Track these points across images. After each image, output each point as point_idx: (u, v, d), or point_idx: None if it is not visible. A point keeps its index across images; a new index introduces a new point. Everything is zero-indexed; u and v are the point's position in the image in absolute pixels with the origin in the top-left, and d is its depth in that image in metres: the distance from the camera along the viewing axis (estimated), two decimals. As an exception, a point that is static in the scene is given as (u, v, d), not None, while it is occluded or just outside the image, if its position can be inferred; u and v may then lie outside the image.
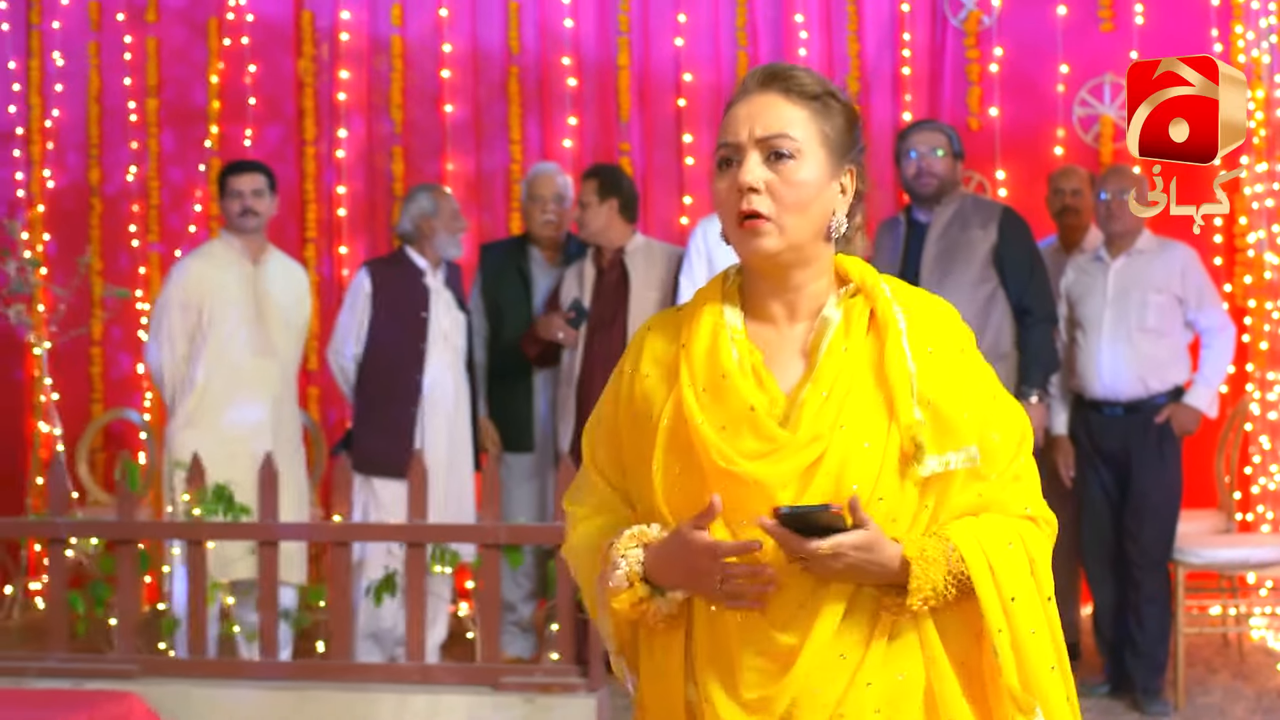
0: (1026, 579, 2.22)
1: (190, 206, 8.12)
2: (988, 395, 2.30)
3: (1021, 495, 2.30)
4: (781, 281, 2.30)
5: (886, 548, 2.18)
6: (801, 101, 2.27)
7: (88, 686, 5.17)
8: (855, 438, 2.19)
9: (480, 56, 8.00)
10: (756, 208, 2.22)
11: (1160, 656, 5.92)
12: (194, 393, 6.06)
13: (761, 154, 2.24)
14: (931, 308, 2.33)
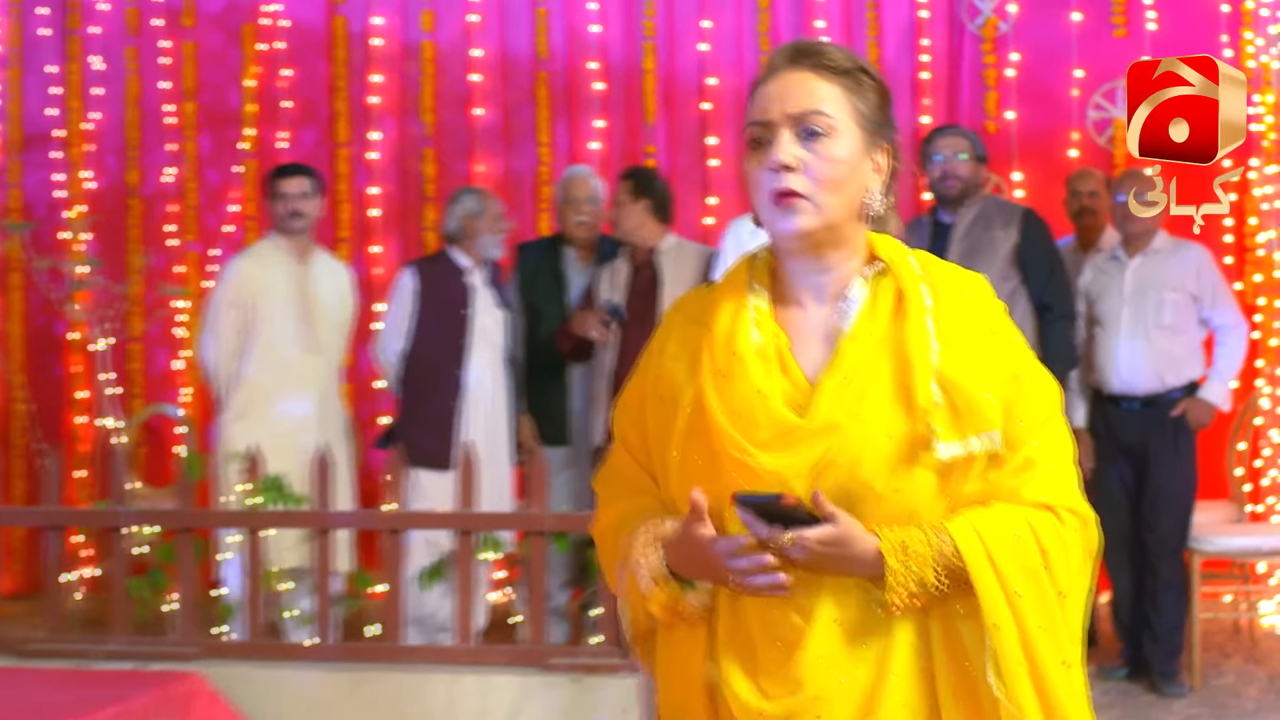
0: (1037, 572, 2.12)
1: (226, 207, 8.37)
2: (1016, 375, 2.21)
3: (1038, 483, 2.18)
4: (813, 262, 2.25)
5: (860, 542, 2.12)
6: (833, 77, 2.22)
7: (150, 668, 5.42)
8: (872, 427, 2.14)
9: (509, 61, 8.25)
10: (792, 185, 2.17)
11: (1177, 641, 6.18)
12: (244, 387, 6.32)
13: (794, 131, 2.19)
14: (962, 284, 2.26)
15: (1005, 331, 2.25)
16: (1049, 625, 2.11)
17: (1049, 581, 2.12)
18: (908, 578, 2.11)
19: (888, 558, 2.10)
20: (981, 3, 7.87)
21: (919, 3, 7.91)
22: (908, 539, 2.12)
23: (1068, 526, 2.17)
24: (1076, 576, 2.18)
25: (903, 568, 2.11)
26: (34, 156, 8.52)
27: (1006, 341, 2.24)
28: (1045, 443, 2.20)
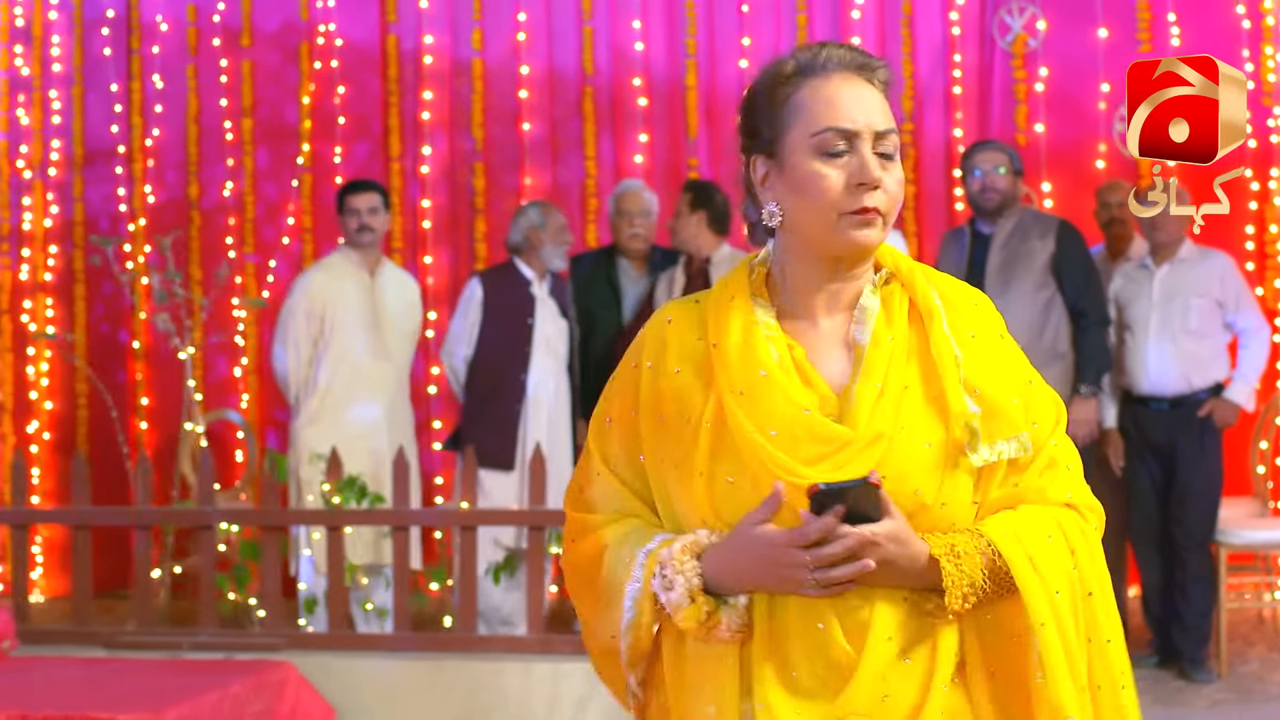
0: (1070, 572, 2.15)
1: (284, 219, 8.77)
2: (1024, 380, 2.24)
3: (1060, 482, 2.23)
4: (841, 273, 2.23)
5: (915, 542, 2.12)
6: (885, 95, 2.23)
7: (237, 659, 5.83)
8: (914, 436, 2.14)
9: (556, 78, 8.65)
10: (878, 204, 2.17)
11: (1205, 630, 6.57)
12: (317, 393, 6.74)
13: (876, 148, 2.18)
14: (966, 293, 2.28)
15: (1011, 339, 2.29)
16: (1079, 625, 2.13)
17: (1079, 580, 2.15)
18: (962, 580, 2.11)
19: (943, 561, 2.11)
20: (1012, 20, 8.25)
21: (952, 20, 8.30)
22: (955, 542, 2.13)
23: (1087, 523, 2.22)
24: (1100, 575, 2.20)
25: (957, 570, 2.11)
26: (97, 172, 8.93)
27: (1014, 348, 2.28)
28: (1061, 444, 2.25)
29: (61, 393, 8.94)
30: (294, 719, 5.56)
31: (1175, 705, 6.11)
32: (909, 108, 8.31)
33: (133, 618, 6.21)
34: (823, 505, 2.06)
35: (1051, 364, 6.27)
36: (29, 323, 8.84)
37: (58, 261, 8.93)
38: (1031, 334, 6.25)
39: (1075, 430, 6.16)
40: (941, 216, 8.28)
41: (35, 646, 5.92)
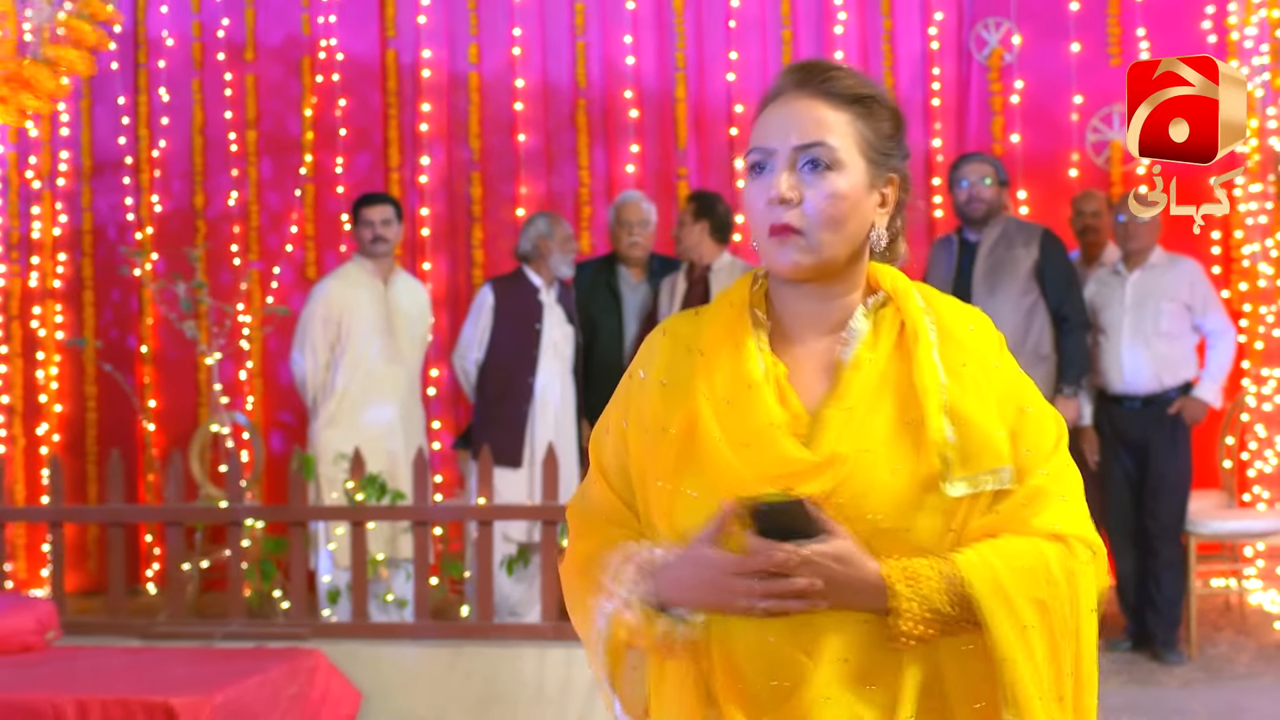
0: (1047, 605, 2.09)
1: (287, 228, 9.15)
2: (1021, 407, 2.19)
3: (1050, 512, 2.15)
4: (810, 291, 2.21)
5: (864, 563, 2.06)
6: (842, 105, 2.16)
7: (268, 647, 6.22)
8: (880, 462, 2.10)
9: (550, 90, 9.06)
10: (787, 220, 2.12)
11: (1176, 615, 7.03)
12: (334, 396, 7.14)
13: (796, 162, 2.14)
14: (965, 318, 2.23)
15: (1009, 364, 2.23)
16: (1056, 660, 2.08)
17: (1058, 615, 2.09)
18: (916, 604, 2.06)
19: (895, 584, 2.06)
20: (988, 35, 8.71)
21: (931, 35, 8.75)
22: (913, 565, 2.08)
23: (1078, 558, 2.13)
24: (1084, 611, 2.13)
25: (911, 593, 2.06)
26: (105, 182, 9.30)
27: (1011, 374, 2.22)
28: (1054, 472, 2.18)
29: (71, 396, 9.29)
30: (325, 702, 5.95)
31: (1149, 685, 6.56)
32: (890, 119, 8.74)
33: (165, 610, 6.59)
34: (760, 523, 2.03)
35: (1036, 366, 6.72)
36: (39, 328, 9.19)
37: (66, 269, 9.29)
38: (1016, 337, 6.70)
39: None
40: (920, 222, 8.71)
41: (73, 637, 6.29)
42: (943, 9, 8.74)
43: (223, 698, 5.32)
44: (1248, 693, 6.38)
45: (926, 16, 8.77)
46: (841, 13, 8.79)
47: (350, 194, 8.96)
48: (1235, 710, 6.12)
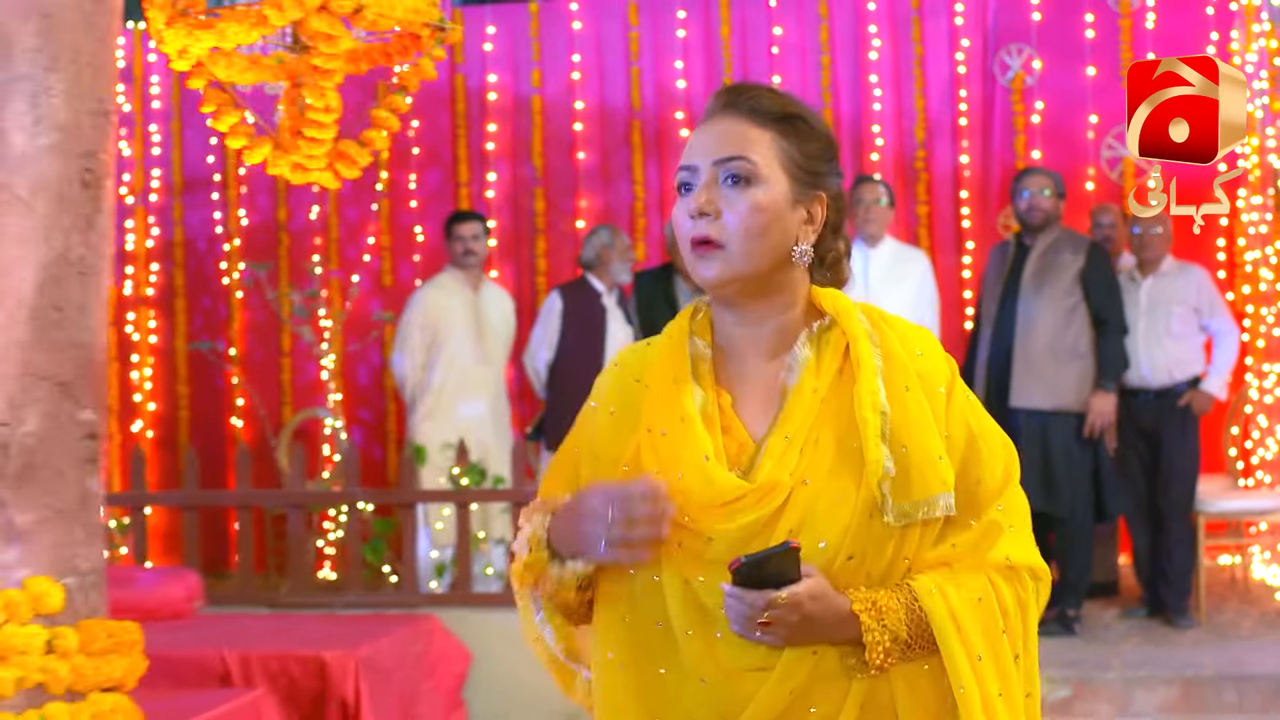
0: (998, 637, 2.16)
1: (364, 239, 10.08)
2: (971, 435, 2.23)
3: (1003, 545, 2.22)
4: (744, 314, 2.25)
5: (835, 598, 2.12)
6: (765, 123, 2.21)
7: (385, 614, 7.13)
8: (820, 490, 2.14)
9: (607, 112, 10.00)
10: (706, 233, 2.17)
11: (1186, 585, 7.96)
12: (431, 393, 8.08)
13: (719, 177, 2.18)
14: (911, 341, 2.25)
15: (959, 390, 2.25)
16: (1006, 690, 2.16)
17: (1007, 645, 2.17)
18: (884, 635, 2.12)
19: (862, 616, 2.11)
20: (1011, 60, 9.64)
21: (958, 60, 9.68)
22: (877, 597, 2.13)
23: (1027, 590, 2.22)
24: (1031, 637, 2.23)
25: (878, 625, 2.11)
26: (194, 198, 10.23)
27: (961, 400, 2.25)
28: (1008, 505, 2.25)
29: (164, 396, 10.22)
30: (440, 660, 6.87)
31: (1164, 645, 7.49)
32: (921, 137, 9.69)
33: (289, 583, 7.52)
34: (746, 577, 2.08)
35: (1071, 362, 7.62)
36: (133, 333, 10.10)
37: (159, 278, 10.22)
38: (1056, 333, 7.57)
39: (1095, 420, 7.58)
40: (950, 234, 9.65)
41: (211, 608, 7.21)
42: (969, 36, 9.66)
43: (364, 652, 6.24)
44: (1251, 651, 7.31)
45: (954, 43, 9.69)
46: (875, 40, 9.72)
47: (422, 208, 9.92)
48: (1239, 664, 7.05)
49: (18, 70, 3.04)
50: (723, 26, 9.85)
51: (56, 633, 2.99)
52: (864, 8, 9.73)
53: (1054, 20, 9.55)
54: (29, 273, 3.03)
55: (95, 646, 3.04)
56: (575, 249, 9.63)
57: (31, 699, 2.98)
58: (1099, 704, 6.77)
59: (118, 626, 3.10)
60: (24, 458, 3.02)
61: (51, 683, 2.98)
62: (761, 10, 9.80)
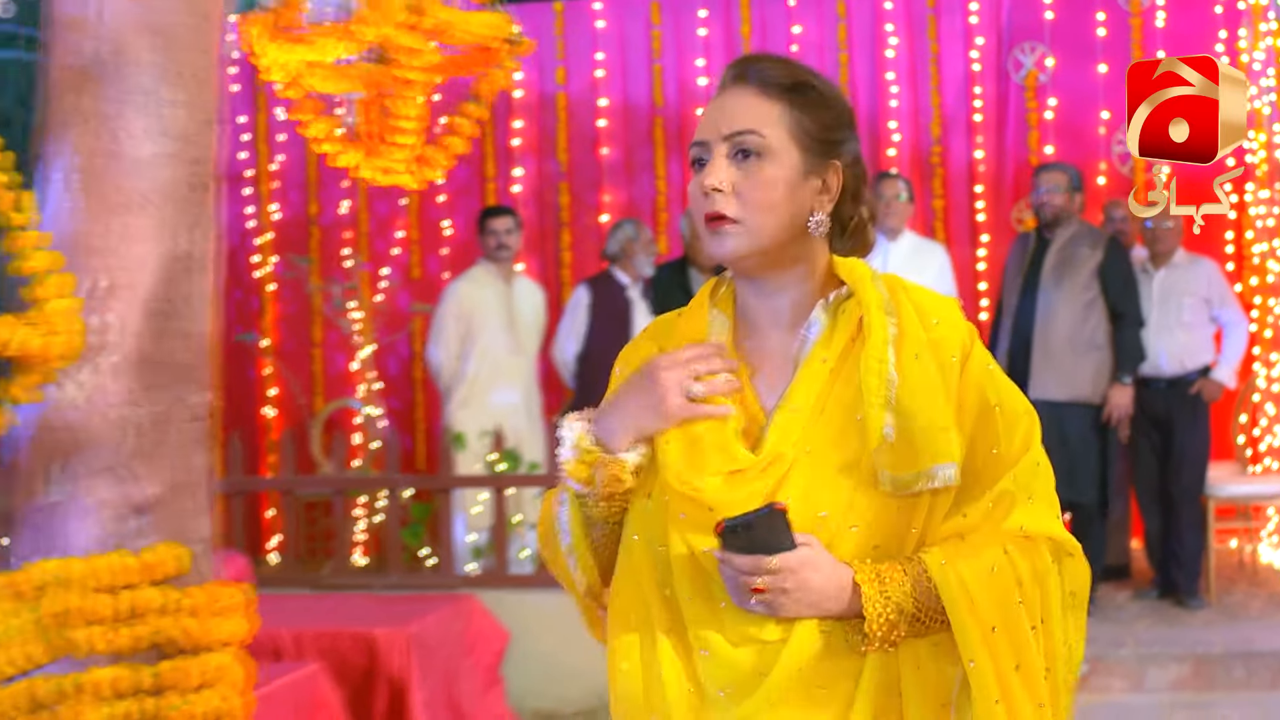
0: (1012, 608, 2.11)
1: (393, 233, 10.40)
2: (988, 404, 2.21)
3: (1017, 515, 2.18)
4: (761, 285, 2.24)
5: (835, 567, 2.10)
6: (775, 94, 2.20)
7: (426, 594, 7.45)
8: (824, 460, 2.13)
9: (630, 109, 10.31)
10: (721, 209, 2.16)
11: (1196, 568, 8.28)
12: (465, 382, 8.41)
13: (729, 151, 2.18)
14: (928, 310, 2.23)
15: (976, 359, 2.22)
16: (1024, 662, 2.11)
17: (1024, 616, 2.11)
18: (887, 608, 2.09)
19: (864, 586, 2.09)
20: (1024, 58, 9.95)
21: (973, 58, 9.99)
22: (881, 569, 2.11)
23: (1044, 559, 2.16)
24: (1051, 610, 2.16)
25: (880, 596, 2.09)
26: (228, 193, 10.53)
27: (977, 369, 2.22)
28: (1023, 474, 2.20)
29: (197, 386, 10.53)
30: (480, 638, 7.19)
31: (1175, 625, 7.82)
32: (937, 133, 10.01)
33: (331, 565, 7.85)
34: (734, 541, 2.08)
35: (1089, 353, 7.93)
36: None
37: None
38: (1074, 326, 7.89)
39: (1113, 412, 7.89)
40: (965, 227, 9.96)
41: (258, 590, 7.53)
42: (983, 35, 9.98)
43: (412, 630, 6.56)
44: (1259, 630, 7.64)
45: (969, 41, 10.00)
46: (893, 38, 10.03)
47: (450, 203, 10.24)
48: (1248, 642, 7.38)
49: (136, 83, 3.37)
50: (743, 25, 10.15)
51: (178, 594, 3.32)
52: (881, 6, 10.04)
53: (1066, 19, 9.85)
54: (152, 268, 3.35)
55: (212, 607, 3.37)
56: (599, 243, 9.97)
57: (155, 656, 3.31)
58: (1113, 679, 7.09)
59: (230, 589, 3.43)
60: (146, 437, 3.34)
61: (176, 639, 3.31)
62: (781, 9, 10.11)
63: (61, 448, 3.29)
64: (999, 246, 9.71)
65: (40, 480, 3.29)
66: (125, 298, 3.34)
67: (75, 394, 3.28)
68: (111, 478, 3.31)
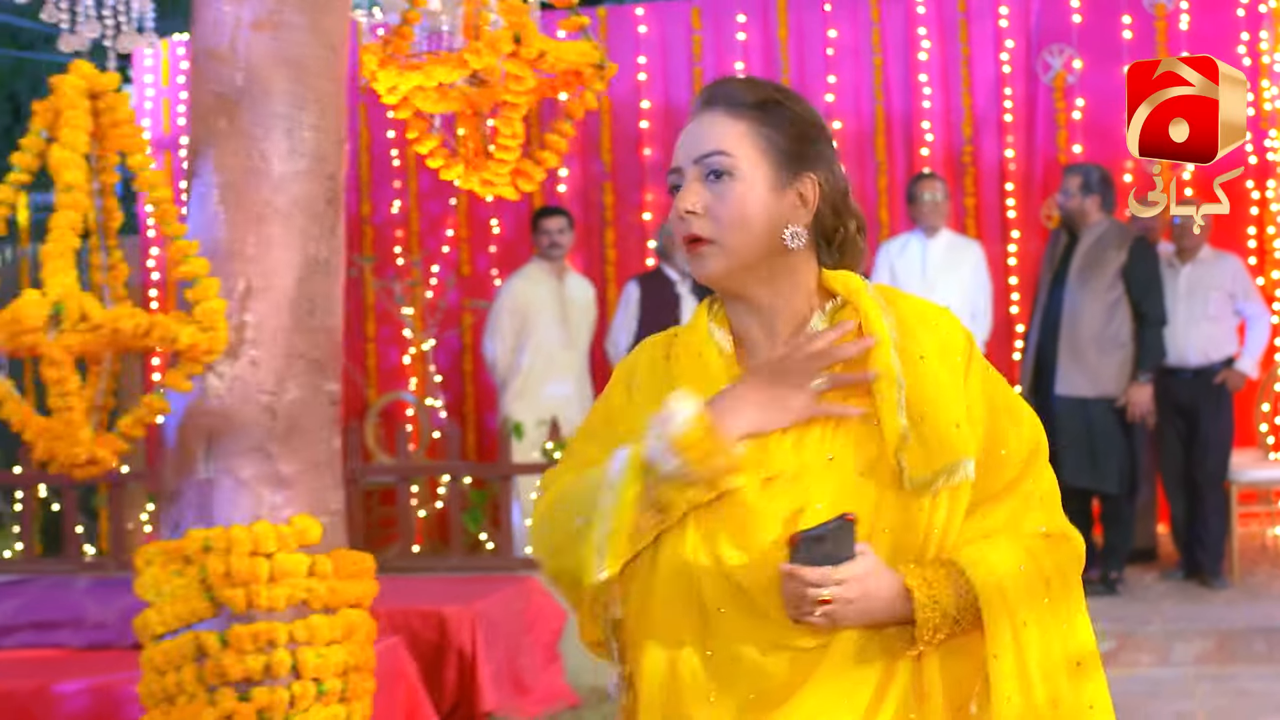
0: (1040, 605, 2.18)
1: (443, 232, 10.88)
2: (994, 406, 2.25)
3: (1036, 512, 2.26)
4: (749, 301, 2.27)
5: (889, 574, 2.15)
6: (741, 113, 2.24)
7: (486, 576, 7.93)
8: (846, 466, 2.18)
9: (672, 110, 10.76)
10: (696, 231, 2.21)
11: (1220, 550, 8.73)
12: (520, 375, 8.91)
13: (701, 174, 2.23)
14: (927, 314, 2.27)
15: (977, 362, 2.27)
16: (1046, 655, 2.18)
17: (1050, 613, 2.19)
18: (934, 611, 2.15)
19: (915, 591, 2.14)
20: (1053, 60, 10.40)
21: (1003, 60, 10.43)
22: (927, 572, 2.17)
23: (1062, 552, 2.25)
24: (1074, 603, 2.24)
25: (930, 600, 2.15)
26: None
27: (980, 372, 2.27)
28: (1037, 474, 2.28)
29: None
30: (540, 617, 7.66)
31: (1200, 603, 8.29)
32: (968, 133, 10.46)
33: (397, 548, 8.34)
34: (803, 554, 2.11)
35: (1113, 351, 8.39)
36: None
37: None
38: (1099, 324, 8.34)
39: (1132, 410, 8.35)
40: (996, 224, 10.40)
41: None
42: (1013, 38, 10.42)
43: (480, 606, 7.04)
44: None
45: (999, 44, 10.45)
46: (925, 41, 10.48)
47: (498, 202, 10.66)
48: (1270, 619, 7.85)
49: (276, 109, 3.85)
50: (780, 30, 10.62)
51: (316, 560, 3.81)
52: (914, 11, 10.50)
53: (1093, 22, 10.28)
54: (289, 272, 3.84)
55: (343, 571, 3.86)
56: (642, 240, 10.46)
57: (298, 612, 3.80)
58: (1141, 654, 7.55)
59: (359, 556, 3.92)
60: (287, 421, 3.83)
61: (313, 599, 3.80)
62: (817, 14, 10.58)
63: (213, 431, 3.78)
64: (1029, 242, 10.18)
65: (196, 459, 3.79)
66: (266, 299, 3.82)
67: (222, 384, 3.77)
68: (257, 457, 3.79)
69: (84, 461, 3.60)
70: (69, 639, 6.27)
